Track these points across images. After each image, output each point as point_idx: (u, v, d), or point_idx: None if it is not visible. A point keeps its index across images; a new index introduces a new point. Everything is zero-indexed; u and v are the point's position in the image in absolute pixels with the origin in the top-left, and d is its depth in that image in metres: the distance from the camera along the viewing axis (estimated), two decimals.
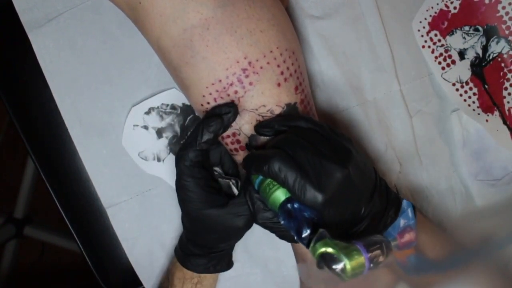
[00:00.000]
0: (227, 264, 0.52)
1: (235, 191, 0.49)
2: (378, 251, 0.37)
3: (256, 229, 0.58)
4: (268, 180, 0.41)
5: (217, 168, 0.49)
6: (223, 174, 0.49)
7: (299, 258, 0.53)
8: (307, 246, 0.38)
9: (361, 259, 0.36)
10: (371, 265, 0.37)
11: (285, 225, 0.40)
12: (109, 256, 0.64)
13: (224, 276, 0.55)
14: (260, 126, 0.45)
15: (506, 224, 0.55)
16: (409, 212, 0.43)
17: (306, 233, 0.38)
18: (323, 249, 0.37)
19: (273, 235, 0.58)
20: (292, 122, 0.44)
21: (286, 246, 0.53)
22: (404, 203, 0.43)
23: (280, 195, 0.40)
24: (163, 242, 0.59)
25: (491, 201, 0.57)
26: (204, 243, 0.49)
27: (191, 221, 0.48)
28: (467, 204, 0.58)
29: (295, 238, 0.39)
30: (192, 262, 0.50)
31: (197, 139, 0.44)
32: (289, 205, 0.40)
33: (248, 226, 0.47)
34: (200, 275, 0.52)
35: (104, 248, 0.63)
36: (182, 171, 0.45)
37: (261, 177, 0.42)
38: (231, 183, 0.49)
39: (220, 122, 0.44)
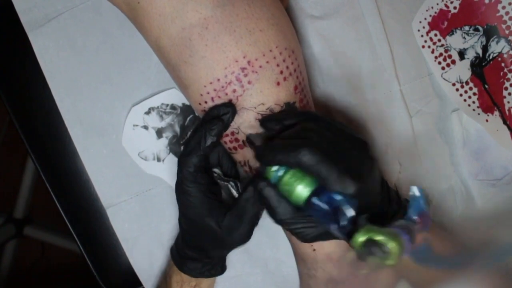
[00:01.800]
0: (221, 268, 0.52)
1: (235, 193, 0.49)
2: (411, 234, 0.36)
3: (256, 229, 0.58)
4: (291, 172, 0.39)
5: (216, 170, 0.49)
6: (222, 176, 0.49)
7: (299, 258, 0.53)
8: (346, 236, 0.36)
9: (402, 241, 0.35)
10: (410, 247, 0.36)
11: (318, 219, 0.38)
12: (109, 256, 0.64)
13: (224, 276, 0.55)
14: (267, 120, 0.44)
15: (507, 223, 0.55)
16: (421, 197, 0.42)
17: (344, 223, 0.36)
18: (367, 236, 0.35)
19: (273, 235, 0.58)
20: (301, 116, 0.43)
21: (286, 246, 0.53)
22: (416, 188, 0.42)
23: (304, 188, 0.38)
24: (163, 242, 0.59)
25: (491, 201, 0.57)
26: (199, 246, 0.49)
27: (189, 224, 0.48)
28: (467, 204, 0.58)
29: (331, 230, 0.37)
30: (188, 266, 0.50)
31: (201, 144, 0.44)
32: (317, 198, 0.38)
33: (241, 242, 0.47)
34: (197, 279, 0.52)
35: (104, 248, 0.63)
36: (186, 177, 0.45)
37: (282, 170, 0.39)
38: (229, 185, 0.49)
39: (221, 124, 0.43)
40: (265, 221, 0.57)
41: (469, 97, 0.55)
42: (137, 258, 0.60)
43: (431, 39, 0.55)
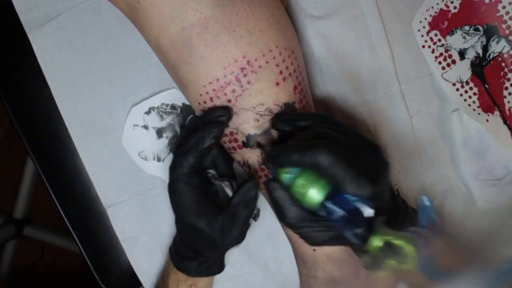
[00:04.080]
0: (219, 267, 0.52)
1: (230, 193, 0.48)
2: (425, 240, 0.36)
3: (256, 229, 0.58)
4: (304, 175, 0.38)
5: (211, 170, 0.49)
6: (217, 176, 0.49)
7: (299, 258, 0.53)
8: (362, 239, 0.36)
9: (419, 246, 0.35)
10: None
11: (331, 223, 0.37)
12: (108, 256, 0.64)
13: (223, 276, 0.55)
14: (280, 121, 0.43)
15: (508, 223, 0.55)
16: (431, 206, 0.41)
17: (361, 227, 0.36)
18: (384, 240, 0.34)
19: (273, 235, 0.58)
20: (315, 118, 0.43)
21: (286, 246, 0.53)
22: (425, 198, 0.42)
23: (318, 191, 0.38)
24: (163, 242, 0.59)
25: (492, 201, 0.57)
26: (194, 247, 0.49)
27: (182, 225, 0.48)
28: (468, 204, 0.58)
29: (345, 234, 0.36)
30: (185, 265, 0.50)
31: (199, 145, 0.44)
32: (331, 202, 0.37)
33: (234, 244, 0.47)
34: (194, 278, 0.52)
35: (104, 248, 0.63)
36: (179, 177, 0.45)
37: (294, 172, 0.39)
38: (224, 185, 0.48)
39: (220, 127, 0.43)
40: (266, 221, 0.58)
41: (470, 97, 0.55)
42: (137, 258, 0.60)
43: (431, 39, 0.55)
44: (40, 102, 0.62)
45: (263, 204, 0.52)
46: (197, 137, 0.44)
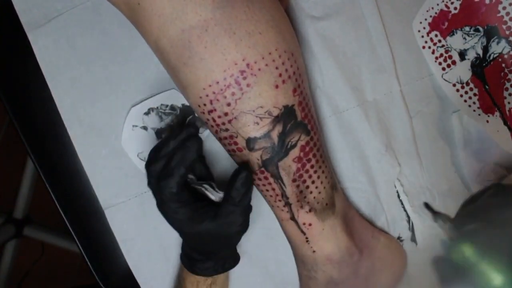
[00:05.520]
0: (234, 260, 0.52)
1: (211, 196, 0.48)
2: None
3: (255, 230, 0.58)
4: None
5: (189, 175, 0.49)
6: (196, 180, 0.49)
7: (299, 259, 0.52)
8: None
9: None
10: None
11: None
12: (109, 257, 0.63)
13: None
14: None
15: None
16: None
17: None
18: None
19: (273, 236, 0.58)
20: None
21: (286, 247, 0.53)
22: None
23: None
24: (161, 243, 0.59)
25: None
26: (205, 251, 0.49)
27: (185, 236, 0.48)
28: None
29: None
30: (200, 267, 0.50)
31: (184, 163, 0.44)
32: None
33: (243, 230, 0.47)
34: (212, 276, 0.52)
35: (104, 249, 0.63)
36: (169, 199, 0.44)
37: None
38: (203, 189, 0.48)
39: (200, 140, 0.44)
40: (265, 223, 0.58)
41: (470, 97, 0.55)
42: (135, 260, 0.59)
43: (431, 39, 0.55)
44: (40, 102, 0.61)
45: (264, 205, 0.52)
46: (180, 155, 0.44)
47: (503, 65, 0.54)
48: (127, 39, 0.56)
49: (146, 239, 0.59)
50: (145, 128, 0.58)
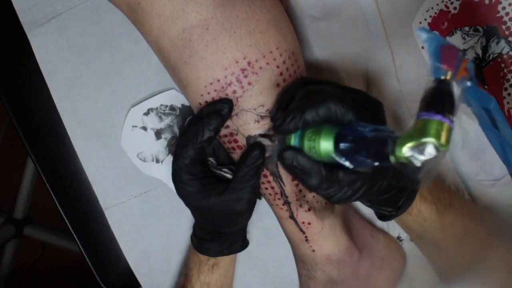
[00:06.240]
0: (241, 244, 0.52)
1: (230, 177, 0.48)
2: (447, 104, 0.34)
3: (255, 230, 0.58)
4: (309, 132, 0.38)
5: (210, 158, 0.49)
6: (216, 165, 0.49)
7: (298, 259, 0.53)
8: (388, 160, 0.34)
9: (438, 126, 0.32)
10: (452, 117, 0.33)
11: (355, 161, 0.36)
12: (109, 257, 0.64)
13: None
14: (275, 115, 0.43)
15: (507, 223, 0.55)
16: (433, 33, 0.36)
17: (386, 149, 0.34)
18: (405, 148, 0.32)
19: (273, 236, 0.58)
20: (301, 85, 0.43)
21: (285, 247, 0.53)
22: (421, 30, 0.37)
23: (327, 139, 0.37)
24: (161, 243, 0.59)
25: (491, 201, 0.57)
26: (211, 229, 0.49)
27: (193, 211, 0.48)
28: None
29: (376, 163, 0.35)
30: (205, 247, 0.51)
31: (198, 137, 0.44)
32: (343, 143, 0.37)
33: (249, 209, 0.47)
34: (216, 258, 0.52)
35: (104, 249, 0.63)
36: (181, 168, 0.45)
37: (298, 135, 0.39)
38: (222, 172, 0.48)
39: (220, 119, 0.43)
40: (264, 222, 0.58)
41: None
42: (136, 260, 0.60)
43: None
44: (40, 102, 0.61)
45: (263, 205, 0.52)
46: (196, 128, 0.44)
47: (502, 65, 0.54)
48: (127, 39, 0.57)
49: (146, 239, 0.59)
50: (144, 128, 0.58)
